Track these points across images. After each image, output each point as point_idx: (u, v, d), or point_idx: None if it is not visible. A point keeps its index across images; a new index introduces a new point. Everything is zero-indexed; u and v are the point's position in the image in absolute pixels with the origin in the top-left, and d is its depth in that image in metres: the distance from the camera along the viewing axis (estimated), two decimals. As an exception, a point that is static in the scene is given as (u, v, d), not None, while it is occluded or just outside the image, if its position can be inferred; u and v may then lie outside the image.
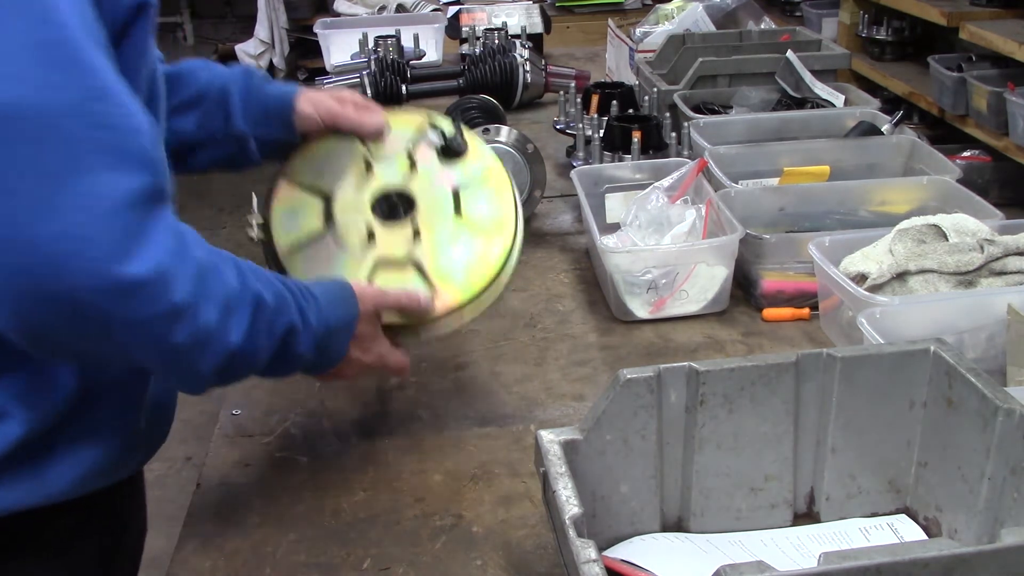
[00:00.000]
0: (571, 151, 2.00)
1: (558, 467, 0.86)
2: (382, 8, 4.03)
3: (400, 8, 3.43)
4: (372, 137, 1.21)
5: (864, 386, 0.96)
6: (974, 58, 2.32)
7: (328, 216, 1.18)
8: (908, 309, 1.21)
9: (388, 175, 1.21)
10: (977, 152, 2.23)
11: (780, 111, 2.03)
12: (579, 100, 2.14)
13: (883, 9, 2.84)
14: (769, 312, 1.45)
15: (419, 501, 1.11)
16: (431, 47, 2.77)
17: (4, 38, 0.76)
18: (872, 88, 2.58)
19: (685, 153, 1.83)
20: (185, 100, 1.16)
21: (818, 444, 0.98)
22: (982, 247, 1.28)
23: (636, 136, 1.81)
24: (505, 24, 2.83)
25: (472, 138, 1.25)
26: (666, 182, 1.58)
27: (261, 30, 5.43)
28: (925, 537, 0.97)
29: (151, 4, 0.90)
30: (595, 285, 1.58)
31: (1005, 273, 1.27)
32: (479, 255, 1.17)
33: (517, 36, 2.68)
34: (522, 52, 2.47)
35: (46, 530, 0.99)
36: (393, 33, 2.58)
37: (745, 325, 1.45)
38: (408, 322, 1.12)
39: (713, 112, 2.05)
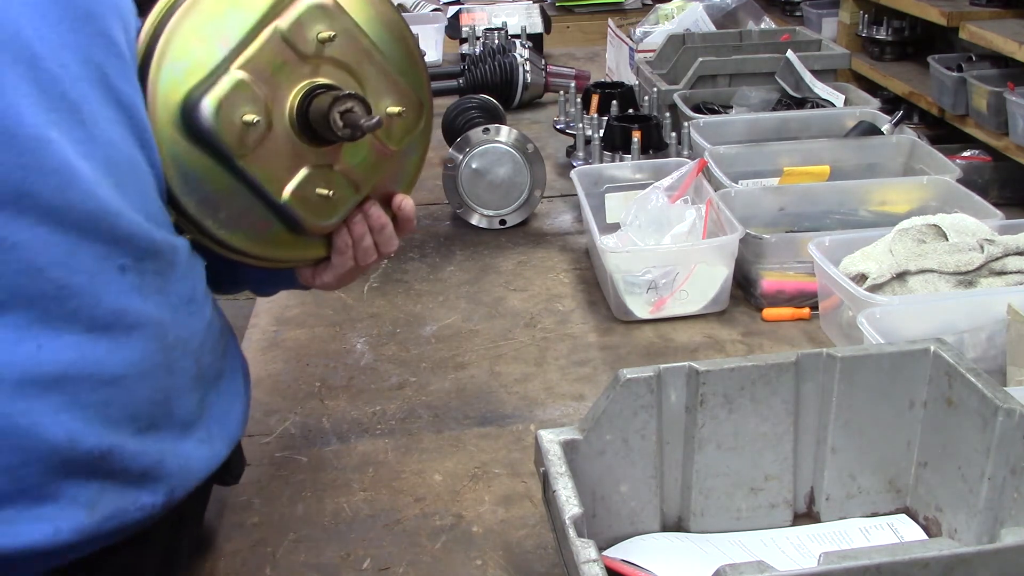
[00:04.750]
0: (571, 151, 2.00)
1: (558, 467, 0.86)
2: (382, 8, 4.02)
3: (400, 8, 3.43)
4: None
5: (864, 386, 0.96)
6: (974, 58, 2.32)
7: None
8: (908, 309, 1.21)
9: None
10: (977, 152, 2.23)
11: (780, 111, 2.02)
12: (579, 100, 2.14)
13: (883, 9, 2.84)
14: (769, 312, 1.45)
15: (419, 501, 1.11)
16: (431, 47, 2.77)
17: None
18: (872, 88, 2.58)
19: (685, 153, 1.83)
20: None
21: (818, 444, 0.98)
22: (982, 247, 1.28)
23: (636, 136, 1.81)
24: (505, 24, 2.83)
25: None
26: (666, 182, 1.58)
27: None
28: (925, 537, 0.97)
29: None
30: (595, 285, 1.58)
31: (1005, 273, 1.27)
32: None
33: (517, 36, 2.68)
34: (522, 52, 2.47)
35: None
36: (394, 33, 2.57)
37: (745, 325, 1.45)
38: None
39: (713, 112, 2.05)
